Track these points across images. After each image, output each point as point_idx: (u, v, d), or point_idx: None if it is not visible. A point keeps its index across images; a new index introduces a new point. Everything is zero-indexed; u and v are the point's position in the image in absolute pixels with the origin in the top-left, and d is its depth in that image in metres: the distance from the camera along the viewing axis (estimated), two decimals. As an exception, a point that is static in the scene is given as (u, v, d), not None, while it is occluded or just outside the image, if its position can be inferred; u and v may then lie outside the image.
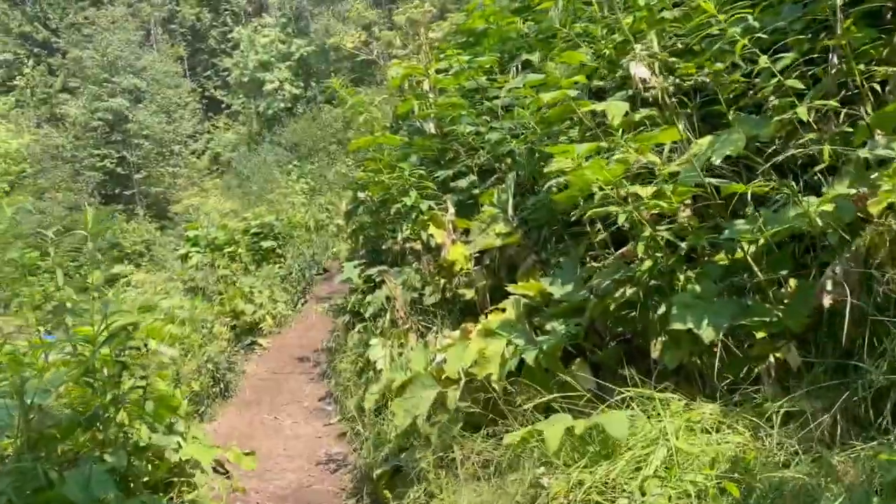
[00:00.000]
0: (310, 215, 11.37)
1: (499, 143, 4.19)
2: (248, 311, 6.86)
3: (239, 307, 6.92)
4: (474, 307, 3.78)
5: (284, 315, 8.05)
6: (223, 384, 5.68)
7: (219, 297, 8.08)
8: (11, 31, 42.77)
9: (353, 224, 5.57)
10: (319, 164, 32.88)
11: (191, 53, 43.71)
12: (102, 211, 31.92)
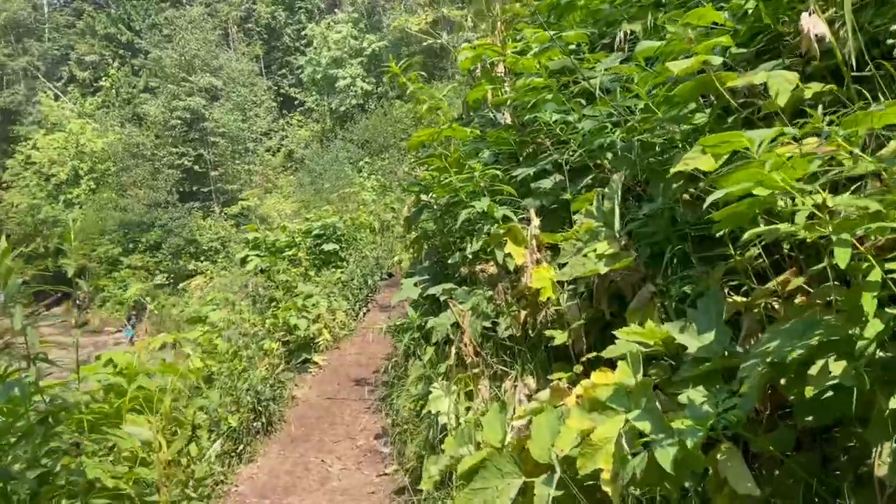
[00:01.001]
0: (375, 216, 10.65)
1: (595, 133, 3.28)
2: (301, 327, 6.15)
3: (292, 322, 6.23)
4: (566, 349, 2.89)
5: (344, 326, 7.34)
6: (266, 416, 4.95)
7: (273, 308, 7.46)
8: (97, 34, 44.26)
9: (415, 231, 4.76)
10: (390, 160, 32.45)
11: (266, 52, 44.14)
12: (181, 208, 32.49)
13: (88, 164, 36.80)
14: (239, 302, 7.94)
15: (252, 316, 6.86)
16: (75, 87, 44.40)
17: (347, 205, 16.39)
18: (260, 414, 4.83)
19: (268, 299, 8.43)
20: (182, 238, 31.21)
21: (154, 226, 31.48)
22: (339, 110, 37.24)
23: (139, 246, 32.67)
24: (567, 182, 3.50)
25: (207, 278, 17.56)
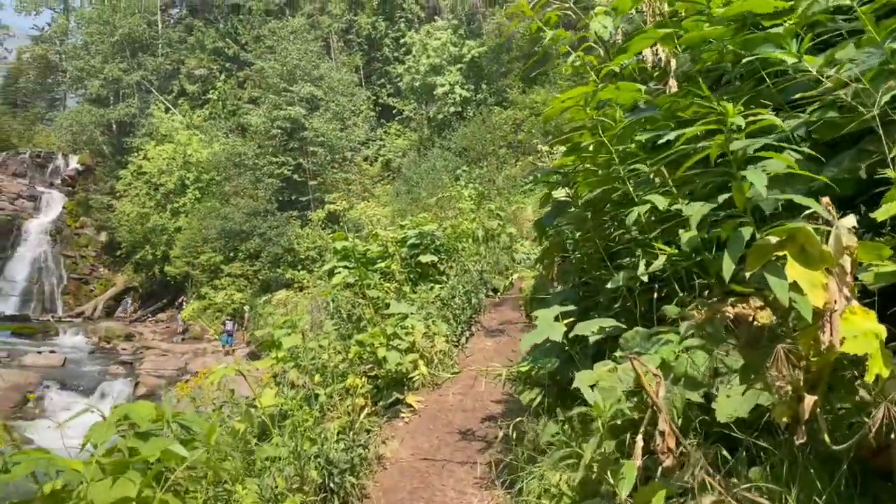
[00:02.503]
0: (478, 223, 9.32)
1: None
2: (392, 360, 4.89)
3: (380, 354, 4.99)
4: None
5: (444, 356, 6.05)
6: (341, 496, 3.66)
7: (360, 330, 6.29)
8: (206, 48, 45.60)
9: (548, 240, 3.39)
10: (489, 168, 31.26)
11: (366, 62, 44.11)
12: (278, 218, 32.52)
13: (194, 174, 37.66)
14: (320, 323, 6.83)
15: (334, 342, 5.70)
16: (185, 99, 45.89)
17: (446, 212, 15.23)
18: (333, 493, 3.55)
19: (355, 318, 7.25)
20: (280, 247, 31.14)
21: (253, 234, 31.58)
22: (437, 118, 36.46)
23: (239, 254, 32.91)
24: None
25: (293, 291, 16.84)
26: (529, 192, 27.26)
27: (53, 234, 41.70)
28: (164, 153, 37.71)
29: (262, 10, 43.41)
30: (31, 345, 29.59)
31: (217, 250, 33.38)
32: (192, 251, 34.21)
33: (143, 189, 38.48)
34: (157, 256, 37.37)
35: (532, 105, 31.03)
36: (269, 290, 31.66)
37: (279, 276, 31.11)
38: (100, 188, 44.02)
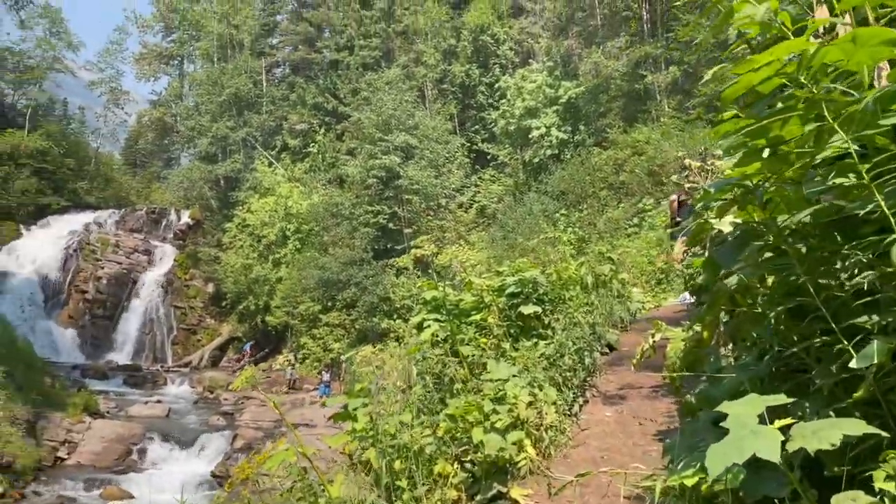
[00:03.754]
0: (587, 268, 8.17)
1: None
2: (492, 446, 3.82)
3: (477, 437, 3.93)
4: None
5: (555, 430, 4.94)
6: None
7: (451, 397, 5.29)
8: (307, 104, 47.04)
9: (715, 288, 2.28)
10: (589, 211, 29.94)
11: (460, 109, 44.09)
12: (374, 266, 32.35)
13: (295, 225, 38.31)
14: (405, 387, 5.88)
15: (420, 417, 4.72)
16: (287, 154, 47.32)
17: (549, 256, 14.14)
18: None
19: (447, 380, 6.23)
20: (376, 296, 30.80)
21: (350, 283, 31.43)
22: (533, 162, 35.58)
23: (336, 303, 32.82)
24: None
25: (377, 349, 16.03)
26: (634, 235, 25.69)
27: (165, 286, 43.40)
28: (266, 206, 38.64)
29: (359, 65, 44.41)
30: (140, 394, 30.33)
31: (315, 300, 33.46)
32: (292, 301, 34.48)
33: (246, 241, 39.47)
34: (260, 306, 37.96)
35: (634, 144, 29.62)
36: (366, 340, 31.25)
37: (375, 325, 30.69)
38: (208, 241, 45.68)
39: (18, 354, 23.47)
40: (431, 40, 43.72)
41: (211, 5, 51.24)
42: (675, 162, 27.37)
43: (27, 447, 18.24)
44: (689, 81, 31.98)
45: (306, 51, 50.13)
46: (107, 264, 42.19)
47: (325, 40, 49.92)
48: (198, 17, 52.17)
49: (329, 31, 51.04)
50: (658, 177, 27.51)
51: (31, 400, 20.71)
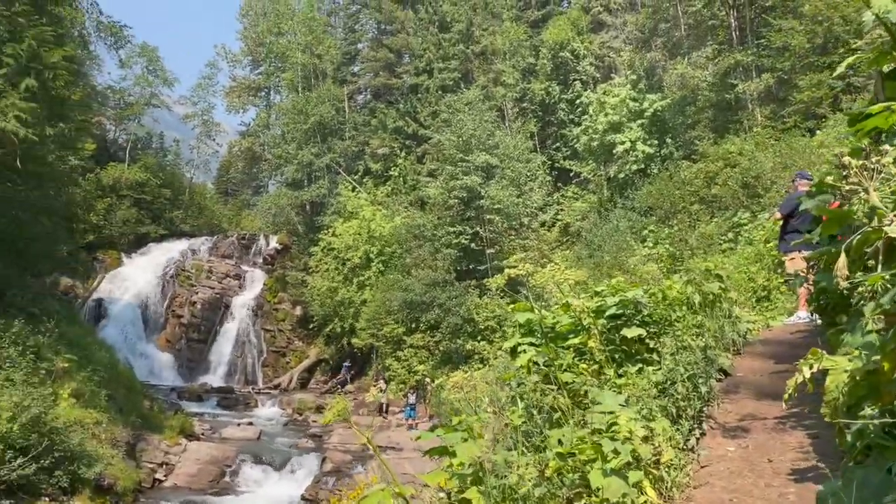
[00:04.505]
0: (693, 286, 7.58)
1: None
2: (613, 491, 3.34)
3: (595, 480, 3.45)
4: None
5: (674, 469, 4.42)
6: None
7: (553, 423, 4.87)
8: (388, 128, 47.72)
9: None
10: (679, 226, 28.76)
11: (541, 127, 43.66)
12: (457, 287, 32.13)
13: (378, 248, 38.66)
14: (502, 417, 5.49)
15: (524, 453, 4.32)
16: (369, 178, 48.08)
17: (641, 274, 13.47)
18: None
19: (547, 409, 5.80)
20: (459, 317, 30.52)
21: (433, 305, 31.31)
22: (618, 177, 34.64)
23: (420, 325, 32.75)
24: None
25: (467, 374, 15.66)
26: (730, 251, 24.42)
27: (255, 310, 44.65)
28: (350, 229, 39.20)
29: (438, 87, 44.73)
30: (232, 416, 31.05)
31: (399, 321, 33.50)
32: (376, 323, 34.66)
33: (332, 264, 40.10)
34: (345, 328, 38.38)
35: (726, 156, 28.34)
36: (451, 362, 31.02)
37: (459, 347, 30.39)
38: (295, 265, 46.78)
39: (120, 378, 24.43)
40: (510, 59, 43.58)
41: (295, 37, 52.94)
42: (770, 173, 25.98)
43: (127, 469, 18.82)
44: (783, 89, 30.45)
45: (386, 76, 50.98)
46: (201, 289, 43.83)
47: (405, 65, 50.66)
48: (283, 49, 54.00)
49: (408, 55, 51.81)
50: (753, 189, 26.18)
51: (131, 422, 21.44)
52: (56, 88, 19.98)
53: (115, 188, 46.96)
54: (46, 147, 19.28)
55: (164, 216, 49.97)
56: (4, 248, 21.26)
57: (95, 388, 20.47)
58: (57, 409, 17.06)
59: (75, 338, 23.31)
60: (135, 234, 46.80)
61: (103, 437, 18.85)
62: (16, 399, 15.19)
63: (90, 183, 43.26)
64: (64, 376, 19.24)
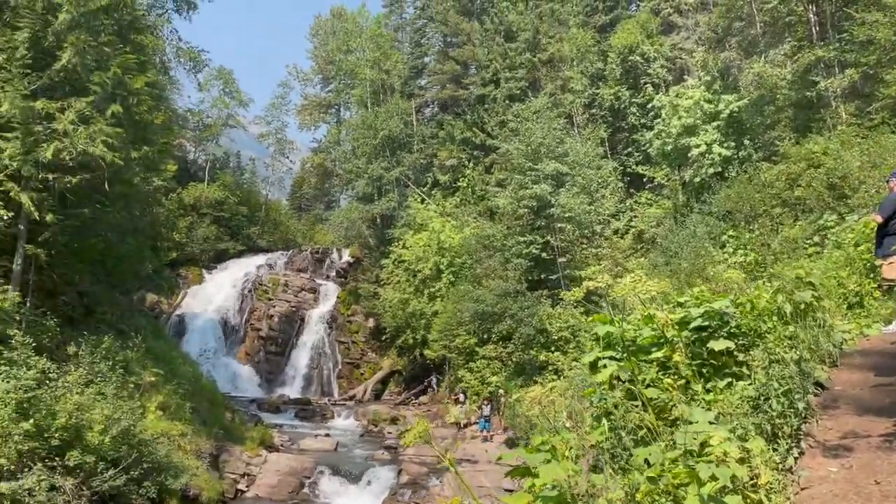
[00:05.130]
0: (783, 296, 7.17)
1: None
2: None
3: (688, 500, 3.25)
4: None
5: (774, 492, 4.13)
6: None
7: (638, 441, 4.66)
8: (455, 140, 47.92)
9: None
10: (761, 231, 27.62)
11: (611, 133, 42.91)
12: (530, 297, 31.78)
13: (448, 259, 38.73)
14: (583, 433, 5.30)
15: (610, 475, 4.13)
16: (438, 189, 48.35)
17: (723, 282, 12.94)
18: None
19: (631, 426, 5.59)
20: (532, 328, 30.14)
21: (505, 316, 31.04)
22: (694, 182, 33.60)
23: (492, 336, 32.55)
24: None
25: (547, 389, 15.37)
26: (816, 255, 23.24)
27: (329, 322, 45.49)
28: (420, 241, 39.45)
29: (505, 97, 44.62)
30: (310, 428, 31.62)
31: (471, 333, 33.39)
32: (448, 334, 34.65)
33: (403, 276, 40.43)
34: (417, 340, 38.57)
35: (809, 156, 27.08)
36: (524, 373, 30.68)
37: (533, 358, 30.00)
38: (367, 277, 47.46)
39: (203, 391, 25.24)
40: (578, 66, 43.07)
41: (363, 54, 53.95)
42: (858, 172, 24.63)
43: (211, 480, 19.36)
44: (868, 84, 28.92)
45: (453, 88, 51.26)
46: (278, 303, 44.98)
47: (472, 76, 50.81)
48: (352, 67, 55.10)
49: (475, 67, 51.96)
50: (840, 190, 24.89)
51: (214, 434, 22.08)
52: (140, 113, 20.92)
53: (196, 207, 48.93)
54: (132, 169, 20.16)
55: (241, 232, 51.71)
56: (95, 267, 22.34)
57: (180, 400, 21.20)
58: (145, 421, 17.72)
59: (161, 352, 24.24)
60: (214, 250, 48.57)
61: (188, 448, 19.47)
62: (107, 412, 15.86)
63: (172, 202, 45.14)
64: (151, 390, 20.01)
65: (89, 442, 15.16)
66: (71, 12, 17.70)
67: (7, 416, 13.45)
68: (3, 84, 16.78)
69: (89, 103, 17.67)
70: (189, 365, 27.19)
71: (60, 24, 17.69)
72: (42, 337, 17.19)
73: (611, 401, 5.81)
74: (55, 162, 17.15)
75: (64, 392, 15.51)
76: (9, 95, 16.49)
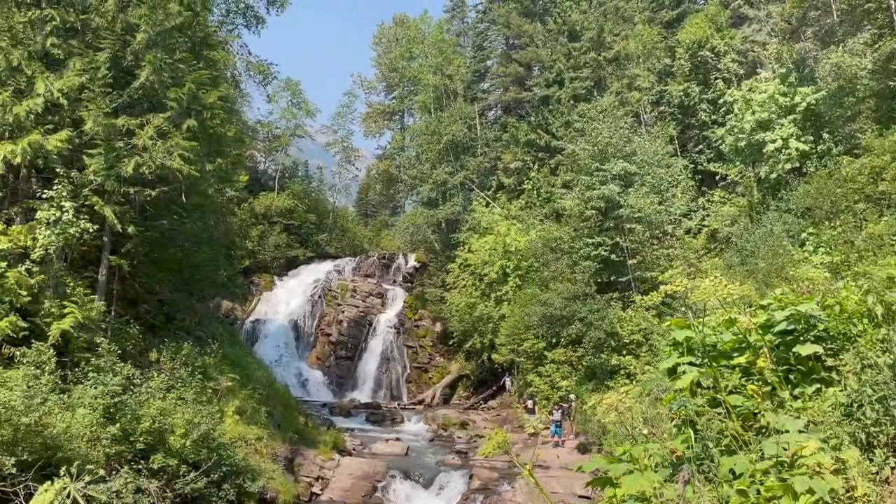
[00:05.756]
0: (874, 297, 6.78)
1: None
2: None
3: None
4: None
5: (867, 502, 3.89)
6: None
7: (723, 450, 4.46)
8: (520, 142, 47.64)
9: None
10: (843, 227, 26.35)
11: (681, 130, 41.82)
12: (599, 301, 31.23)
13: (514, 262, 38.53)
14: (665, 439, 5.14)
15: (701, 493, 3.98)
16: (503, 192, 48.16)
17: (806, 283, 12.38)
18: None
19: (714, 435, 5.39)
20: (602, 331, 29.61)
21: (574, 319, 30.61)
22: (770, 178, 32.35)
23: (561, 340, 32.15)
24: None
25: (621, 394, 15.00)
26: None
27: (397, 327, 45.91)
28: (485, 245, 39.37)
29: (569, 97, 44.12)
30: (380, 432, 31.95)
31: (539, 336, 33.08)
32: (516, 338, 34.43)
33: (469, 280, 40.42)
34: (485, 344, 38.47)
35: (894, 148, 25.72)
36: (595, 377, 30.16)
37: (604, 362, 29.48)
38: (433, 282, 47.69)
39: (277, 395, 25.84)
40: (644, 63, 42.17)
41: (426, 60, 54.32)
42: None
43: (287, 483, 19.78)
44: (956, 70, 27.29)
45: (517, 91, 50.99)
46: (346, 308, 45.71)
47: (535, 78, 50.42)
48: (415, 73, 55.56)
49: (538, 68, 51.56)
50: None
51: (288, 438, 22.57)
52: (213, 127, 21.64)
53: (267, 215, 50.31)
54: (207, 181, 20.87)
55: (310, 239, 52.84)
56: (173, 276, 23.22)
57: (256, 405, 21.76)
58: (223, 425, 18.26)
59: (236, 358, 24.96)
60: (285, 257, 49.79)
61: (264, 452, 19.96)
62: (187, 416, 16.42)
63: (244, 212, 46.50)
64: (228, 394, 20.61)
65: (172, 445, 15.73)
66: (148, 32, 18.46)
67: (96, 421, 14.09)
68: (87, 103, 17.62)
69: (166, 119, 18.38)
70: (263, 370, 27.88)
71: (138, 44, 18.48)
72: (126, 344, 17.94)
73: (692, 408, 5.61)
74: (135, 176, 17.90)
75: (147, 397, 16.14)
76: (92, 114, 17.31)
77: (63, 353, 15.79)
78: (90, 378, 15.25)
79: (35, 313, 15.90)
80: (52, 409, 13.21)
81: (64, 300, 16.46)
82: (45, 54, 17.76)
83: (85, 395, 14.62)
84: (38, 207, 16.78)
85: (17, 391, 12.74)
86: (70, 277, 17.22)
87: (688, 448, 5.42)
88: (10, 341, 15.03)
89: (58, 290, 16.74)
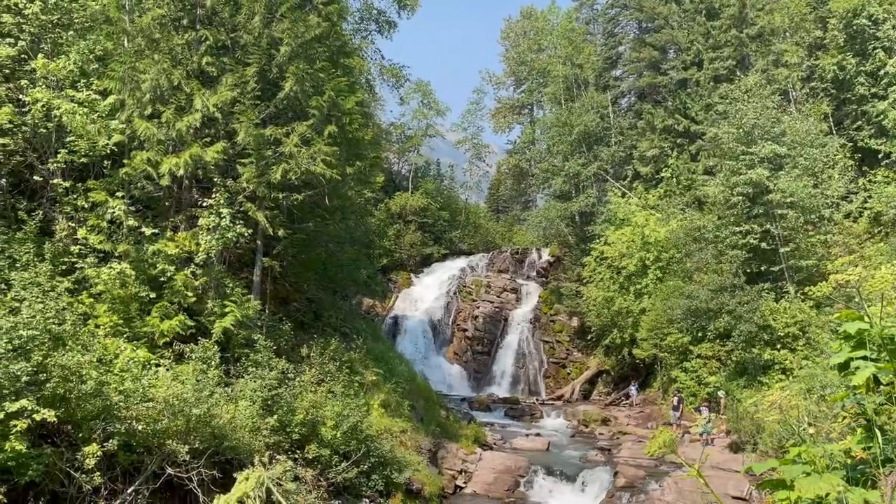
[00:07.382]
0: None
1: None
2: None
3: None
4: None
5: None
6: None
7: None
8: (656, 129, 45.85)
9: None
10: None
11: (835, 107, 38.53)
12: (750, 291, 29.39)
13: (654, 254, 37.20)
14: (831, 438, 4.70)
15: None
16: (639, 182, 46.56)
17: None
18: None
19: (892, 436, 4.89)
20: (753, 324, 27.86)
21: (721, 312, 29.04)
22: (945, 153, 29.09)
23: (708, 334, 30.64)
24: None
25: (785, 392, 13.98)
26: None
27: (532, 322, 45.72)
28: (622, 237, 38.29)
29: (709, 79, 41.92)
30: (520, 427, 31.97)
31: (683, 331, 31.70)
32: (658, 332, 33.20)
33: (606, 273, 39.49)
34: (625, 339, 37.45)
35: None
36: (746, 373, 28.48)
37: (755, 356, 27.74)
38: (568, 276, 47.04)
39: (419, 389, 26.52)
40: (792, 37, 39.24)
41: (555, 51, 53.62)
42: None
43: (431, 475, 20.25)
44: None
45: (651, 76, 49.07)
46: (481, 304, 46.12)
47: (671, 61, 48.29)
48: (544, 65, 55.00)
49: (674, 50, 49.33)
50: None
51: (431, 431, 23.09)
52: (352, 131, 22.53)
53: (402, 215, 51.80)
54: (347, 184, 21.76)
55: (444, 237, 53.83)
56: (319, 275, 24.43)
57: (399, 398, 22.45)
58: (369, 418, 18.98)
59: (379, 353, 25.86)
60: (420, 255, 51.06)
61: (409, 444, 20.54)
62: (337, 409, 17.22)
63: (381, 212, 48.12)
64: (373, 388, 21.41)
65: (323, 436, 16.57)
66: (290, 44, 19.50)
67: (256, 413, 15.09)
68: (239, 115, 18.89)
69: (309, 126, 19.34)
70: (404, 364, 28.70)
71: (282, 56, 19.57)
72: (280, 340, 19.08)
73: (870, 406, 5.12)
74: (283, 182, 18.97)
75: (300, 390, 17.08)
76: (244, 125, 18.53)
77: (225, 349, 17.02)
78: (250, 372, 16.35)
79: (200, 312, 17.24)
80: (219, 401, 14.28)
81: (224, 300, 17.74)
82: (201, 72, 19.20)
83: (246, 389, 15.69)
84: (199, 215, 18.17)
85: (188, 384, 13.88)
86: (229, 278, 18.53)
87: (866, 450, 4.96)
88: (180, 338, 16.40)
89: (219, 291, 18.07)
